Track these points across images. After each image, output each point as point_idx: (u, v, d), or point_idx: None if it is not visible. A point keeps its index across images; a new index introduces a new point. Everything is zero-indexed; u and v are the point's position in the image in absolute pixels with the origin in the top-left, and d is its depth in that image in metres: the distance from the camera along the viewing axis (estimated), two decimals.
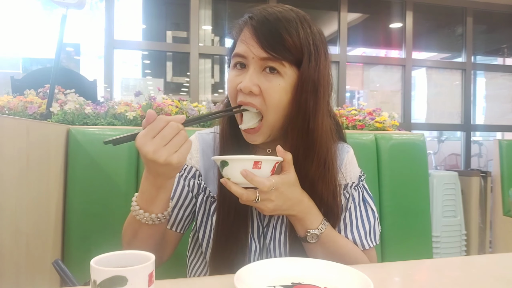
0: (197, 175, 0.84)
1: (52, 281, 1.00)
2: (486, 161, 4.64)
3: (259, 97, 0.73)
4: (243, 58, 0.74)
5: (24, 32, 4.07)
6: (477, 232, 2.84)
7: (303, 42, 0.72)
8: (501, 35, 4.66)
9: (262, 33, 0.71)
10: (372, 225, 0.84)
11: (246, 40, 0.73)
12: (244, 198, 0.66)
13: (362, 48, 4.93)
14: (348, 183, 0.84)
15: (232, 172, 0.67)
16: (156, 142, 0.60)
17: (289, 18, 0.73)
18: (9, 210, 0.79)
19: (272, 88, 0.72)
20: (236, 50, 0.75)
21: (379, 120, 1.69)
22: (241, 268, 0.61)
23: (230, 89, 0.76)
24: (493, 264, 0.80)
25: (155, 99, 1.46)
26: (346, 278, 0.61)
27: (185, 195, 0.83)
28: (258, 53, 0.71)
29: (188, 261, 0.95)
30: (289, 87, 0.73)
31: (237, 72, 0.75)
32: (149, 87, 3.68)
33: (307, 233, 0.73)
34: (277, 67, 0.72)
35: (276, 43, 0.71)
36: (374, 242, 0.84)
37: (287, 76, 0.73)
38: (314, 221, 0.73)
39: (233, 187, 0.66)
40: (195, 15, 3.33)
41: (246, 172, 0.64)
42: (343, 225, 0.82)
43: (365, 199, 0.86)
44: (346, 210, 0.83)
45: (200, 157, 0.85)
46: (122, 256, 0.53)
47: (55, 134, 1.09)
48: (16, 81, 1.87)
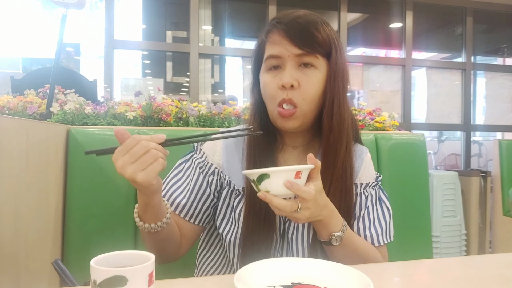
0: (216, 172, 0.87)
1: (52, 281, 1.00)
2: (486, 161, 4.65)
3: (298, 90, 0.78)
4: (278, 59, 0.79)
5: (24, 32, 4.07)
6: (477, 232, 2.84)
7: (330, 37, 0.80)
8: (501, 35, 4.66)
9: (293, 33, 0.77)
10: (388, 223, 0.88)
11: (278, 41, 0.78)
12: (288, 209, 0.66)
13: (362, 48, 4.93)
14: (368, 182, 0.89)
15: (272, 185, 0.66)
16: (125, 159, 0.63)
17: (313, 18, 0.80)
18: (9, 210, 0.79)
19: (310, 81, 0.79)
20: (269, 52, 0.80)
21: (379, 120, 1.69)
22: (241, 268, 0.61)
23: (271, 89, 0.80)
24: (493, 264, 0.80)
25: (155, 99, 1.46)
26: (346, 278, 0.61)
27: (203, 190, 0.86)
28: (293, 51, 0.77)
29: (198, 257, 0.96)
30: (323, 77, 0.80)
31: (273, 73, 0.81)
32: (149, 87, 3.68)
33: (332, 237, 0.75)
34: (312, 61, 0.79)
35: (308, 40, 0.77)
36: (389, 239, 0.89)
37: (321, 68, 0.80)
38: (337, 224, 0.75)
39: (275, 200, 0.66)
40: (195, 15, 3.33)
41: (291, 184, 0.65)
42: (362, 223, 0.86)
43: (381, 198, 0.90)
44: (365, 208, 0.87)
45: (224, 153, 0.88)
46: (122, 256, 0.53)
47: (55, 134, 1.09)
48: (16, 81, 1.87)
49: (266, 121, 0.85)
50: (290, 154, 0.89)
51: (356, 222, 0.86)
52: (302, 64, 0.79)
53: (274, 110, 0.81)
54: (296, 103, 0.79)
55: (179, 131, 1.27)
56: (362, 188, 0.88)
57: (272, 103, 0.81)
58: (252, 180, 0.68)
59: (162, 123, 1.44)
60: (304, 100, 0.79)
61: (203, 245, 0.96)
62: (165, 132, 1.24)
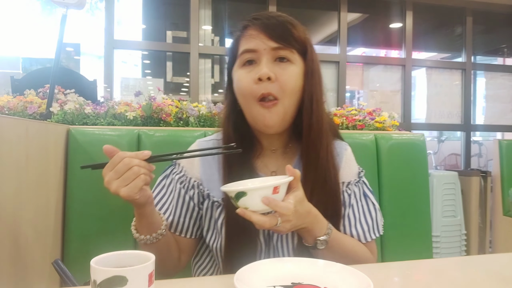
0: (196, 185, 0.87)
1: (52, 281, 1.00)
2: (486, 161, 4.64)
3: (276, 83, 0.77)
4: (254, 53, 0.78)
5: (24, 32, 4.07)
6: (477, 232, 2.84)
7: (305, 37, 0.81)
8: (501, 35, 4.66)
9: (270, 27, 0.77)
10: (374, 218, 0.88)
11: (255, 35, 0.78)
12: (267, 225, 0.66)
13: (362, 48, 4.93)
14: (350, 180, 0.88)
15: (250, 202, 0.66)
16: (111, 175, 0.66)
17: (290, 18, 0.81)
18: (9, 210, 0.79)
19: (287, 74, 0.77)
20: (244, 46, 0.79)
21: (379, 120, 1.69)
22: (241, 268, 0.61)
23: (246, 83, 0.78)
24: (493, 264, 0.80)
25: (155, 99, 1.46)
26: (346, 278, 0.61)
27: (187, 204, 0.87)
28: (269, 44, 0.77)
29: (193, 262, 0.96)
30: (300, 73, 0.80)
31: (248, 68, 0.79)
32: (149, 87, 3.68)
33: (317, 241, 0.75)
34: (288, 56, 0.78)
35: (285, 34, 0.78)
36: (377, 233, 0.88)
37: (297, 63, 0.79)
38: (321, 229, 0.75)
39: (254, 216, 0.66)
40: (195, 15, 3.32)
41: (269, 200, 0.65)
42: (347, 221, 0.86)
43: (365, 194, 0.89)
44: (349, 206, 0.86)
45: (201, 166, 0.87)
46: (122, 256, 0.53)
47: (55, 134, 1.09)
48: (16, 81, 1.87)
49: (240, 124, 0.83)
50: (269, 158, 0.88)
51: (342, 221, 0.85)
52: (278, 58, 0.78)
53: (253, 107, 0.78)
54: (276, 95, 0.77)
55: (179, 131, 1.26)
56: (344, 187, 0.87)
57: (250, 100, 0.78)
58: (230, 197, 0.68)
59: (162, 123, 1.44)
60: (284, 92, 0.77)
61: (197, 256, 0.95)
62: (165, 132, 1.24)
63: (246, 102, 0.79)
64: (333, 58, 3.71)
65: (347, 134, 1.38)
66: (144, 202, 0.71)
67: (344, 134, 1.39)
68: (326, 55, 3.95)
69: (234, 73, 0.81)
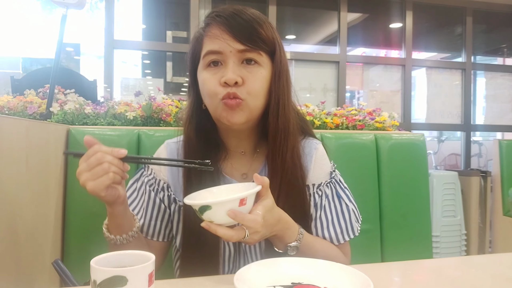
0: (165, 187, 0.86)
1: (52, 281, 1.00)
2: (486, 161, 4.64)
3: (242, 87, 0.73)
4: (219, 54, 0.73)
5: (24, 32, 4.07)
6: (477, 232, 2.84)
7: (273, 35, 0.77)
8: (501, 35, 4.66)
9: (235, 27, 0.72)
10: (348, 219, 0.83)
11: (219, 36, 0.72)
12: (235, 239, 0.63)
13: (362, 48, 4.93)
14: (321, 182, 0.84)
15: (215, 215, 0.62)
16: (83, 166, 0.65)
17: (256, 14, 0.75)
18: (9, 210, 0.79)
19: (254, 77, 0.74)
20: (208, 48, 0.74)
21: (379, 120, 1.69)
22: (241, 268, 0.61)
23: (212, 86, 0.74)
24: (493, 264, 0.80)
25: (155, 99, 1.46)
26: (346, 278, 0.61)
27: (157, 207, 0.85)
28: (235, 46, 0.72)
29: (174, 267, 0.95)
30: (268, 75, 0.76)
31: (213, 70, 0.75)
32: (149, 87, 3.68)
33: (288, 248, 0.73)
34: (256, 58, 0.74)
35: (252, 35, 0.73)
36: (351, 235, 0.84)
37: (265, 65, 0.76)
38: (292, 235, 0.73)
39: (220, 230, 0.63)
40: (195, 15, 3.32)
41: (235, 213, 0.61)
42: (319, 223, 0.82)
43: (338, 194, 0.84)
44: (321, 208, 0.83)
45: (168, 169, 0.86)
46: (122, 256, 0.53)
47: (55, 134, 1.09)
48: (16, 81, 1.87)
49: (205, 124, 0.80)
50: (239, 160, 0.85)
51: (313, 224, 0.83)
52: (244, 60, 0.74)
53: (217, 106, 0.74)
54: (241, 97, 0.73)
55: (179, 131, 1.26)
56: (315, 189, 0.83)
57: (214, 99, 0.74)
58: (194, 210, 0.64)
59: (162, 123, 1.44)
60: (249, 95, 0.74)
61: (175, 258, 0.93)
62: (165, 132, 1.24)
63: (210, 102, 0.76)
64: (333, 58, 3.71)
65: (347, 134, 1.38)
66: (113, 201, 0.69)
67: (344, 134, 1.39)
68: (326, 55, 3.95)
69: (200, 74, 0.77)
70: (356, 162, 1.32)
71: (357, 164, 1.32)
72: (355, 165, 1.32)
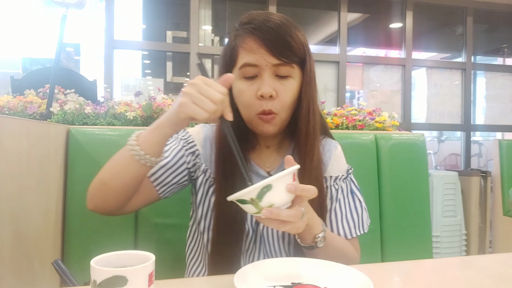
0: (196, 153, 0.89)
1: (52, 281, 1.00)
2: (486, 161, 4.64)
3: (276, 100, 0.79)
4: (255, 67, 0.78)
5: (24, 32, 4.07)
6: (477, 232, 2.84)
7: (303, 44, 0.81)
8: (502, 34, 4.66)
9: (270, 42, 0.76)
10: (360, 215, 0.88)
11: (255, 49, 0.77)
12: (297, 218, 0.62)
13: (362, 48, 4.93)
14: (338, 175, 0.89)
15: (276, 194, 0.59)
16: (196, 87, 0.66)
17: (287, 24, 0.79)
18: (9, 210, 0.79)
19: (286, 90, 0.80)
20: (245, 60, 0.79)
21: (379, 120, 1.69)
22: (241, 268, 0.61)
23: (248, 98, 0.80)
24: (493, 264, 0.80)
25: (155, 99, 1.46)
26: (346, 278, 0.61)
27: (180, 164, 0.86)
28: (271, 60, 0.77)
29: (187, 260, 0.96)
30: (298, 85, 0.82)
31: (249, 82, 0.80)
32: (149, 87, 3.68)
33: (317, 239, 0.72)
34: (288, 71, 0.79)
35: (285, 49, 0.77)
36: (362, 230, 0.88)
37: (296, 76, 0.81)
38: (318, 224, 0.73)
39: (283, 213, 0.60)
40: (195, 15, 3.33)
41: (295, 185, 0.60)
42: (333, 216, 0.87)
43: (353, 191, 0.90)
44: (336, 200, 0.88)
45: (203, 143, 0.90)
46: (122, 256, 0.53)
47: (55, 134, 1.09)
48: (16, 81, 1.87)
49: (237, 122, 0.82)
50: (264, 153, 0.90)
51: (328, 215, 0.86)
52: (279, 72, 0.79)
53: (252, 117, 0.81)
54: (275, 112, 0.79)
55: None
56: (332, 181, 0.88)
57: (250, 111, 0.81)
58: (250, 200, 0.59)
59: None
60: (282, 108, 0.80)
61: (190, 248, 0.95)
62: None
63: (246, 112, 0.82)
64: (333, 58, 3.71)
65: (347, 134, 1.38)
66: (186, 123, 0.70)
67: (344, 134, 1.39)
68: (326, 55, 3.95)
69: (234, 81, 0.81)
70: (356, 162, 1.32)
71: (357, 164, 1.31)
72: (355, 165, 1.31)
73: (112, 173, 0.76)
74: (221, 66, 0.86)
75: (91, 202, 0.81)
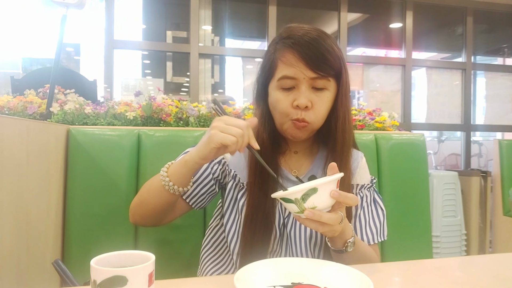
0: (222, 162, 0.92)
1: (52, 281, 1.00)
2: (486, 161, 4.64)
3: (311, 111, 0.82)
4: (293, 80, 0.82)
5: (24, 32, 4.07)
6: (477, 232, 2.84)
7: (339, 57, 0.83)
8: (502, 35, 4.66)
9: (308, 56, 0.80)
10: (382, 223, 0.93)
11: (294, 63, 0.81)
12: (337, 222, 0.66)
13: (362, 48, 4.93)
14: (363, 184, 0.93)
15: (320, 198, 0.64)
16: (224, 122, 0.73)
17: (324, 38, 0.82)
18: (9, 210, 0.79)
19: (321, 102, 0.83)
20: (284, 72, 0.82)
21: (379, 120, 1.69)
22: (241, 268, 0.62)
23: (284, 107, 0.83)
24: (493, 264, 0.80)
25: (155, 99, 1.46)
26: (346, 278, 0.61)
27: (206, 175, 0.91)
28: (308, 74, 0.80)
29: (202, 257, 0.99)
30: (333, 97, 0.85)
31: (286, 92, 0.83)
32: (149, 87, 3.68)
33: (347, 243, 0.75)
34: (324, 84, 0.82)
35: (322, 64, 0.80)
36: (383, 237, 0.93)
37: (331, 89, 0.84)
38: (349, 230, 0.76)
39: (325, 216, 0.65)
40: (195, 15, 3.32)
41: (339, 192, 0.65)
42: (358, 223, 0.91)
43: (375, 200, 0.95)
44: (361, 207, 0.92)
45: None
46: (122, 256, 0.53)
47: (55, 134, 1.09)
48: (16, 81, 1.87)
49: (273, 129, 0.89)
50: (291, 158, 0.94)
51: (353, 221, 0.90)
52: (315, 85, 0.82)
53: (286, 122, 0.84)
54: (308, 121, 0.83)
55: (179, 131, 1.27)
56: (357, 189, 0.92)
57: (284, 117, 0.84)
58: (294, 200, 0.64)
59: (162, 123, 1.44)
60: (316, 118, 0.84)
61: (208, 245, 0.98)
62: (165, 132, 1.24)
63: (281, 118, 0.85)
64: None
65: None
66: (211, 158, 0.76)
67: None
68: None
69: (273, 92, 0.85)
70: None
71: None
72: None
73: (148, 197, 0.85)
74: (259, 76, 0.90)
75: (132, 218, 0.90)
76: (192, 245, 1.17)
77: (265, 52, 0.89)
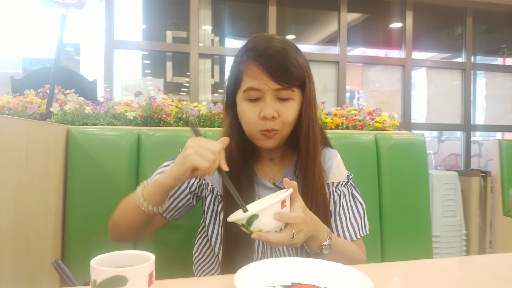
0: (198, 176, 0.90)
1: (52, 281, 1.00)
2: (486, 161, 4.64)
3: (278, 120, 0.84)
4: (258, 91, 0.83)
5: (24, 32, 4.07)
6: (477, 232, 2.84)
7: (303, 68, 0.85)
8: (501, 35, 4.66)
9: (272, 68, 0.81)
10: (362, 217, 0.95)
11: (258, 76, 0.82)
12: (286, 240, 0.69)
13: (362, 48, 4.93)
14: (339, 181, 0.95)
15: (263, 222, 0.67)
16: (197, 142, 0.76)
17: (287, 50, 0.83)
18: (9, 210, 0.79)
19: (287, 111, 0.85)
20: (249, 84, 0.84)
21: (379, 120, 1.69)
22: (241, 268, 0.61)
23: (251, 118, 0.85)
24: (493, 264, 0.80)
25: (155, 99, 1.46)
26: (346, 278, 0.61)
27: (182, 189, 0.93)
28: (272, 86, 0.82)
29: (194, 260, 0.99)
30: (299, 106, 0.87)
31: (253, 103, 0.85)
32: (149, 87, 3.68)
33: (322, 247, 0.78)
34: (289, 95, 0.84)
35: (286, 75, 0.82)
36: (364, 232, 0.94)
37: (296, 98, 0.86)
38: (323, 233, 0.79)
39: (271, 237, 0.68)
40: (195, 15, 3.33)
41: (281, 214, 0.68)
42: (338, 220, 0.92)
43: (354, 195, 0.96)
44: (339, 205, 0.93)
45: None
46: (122, 256, 0.53)
47: (55, 134, 1.09)
48: (16, 81, 1.87)
49: (242, 138, 0.90)
50: (267, 166, 0.95)
51: (333, 219, 0.92)
52: (280, 96, 0.84)
53: (255, 133, 0.86)
54: (277, 129, 0.84)
55: (179, 131, 1.27)
56: (334, 187, 0.94)
57: (253, 128, 0.86)
58: (241, 224, 0.69)
59: (162, 123, 1.44)
60: (284, 125, 0.85)
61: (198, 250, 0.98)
62: (165, 132, 1.24)
63: (250, 129, 0.87)
64: (333, 58, 3.71)
65: (347, 134, 1.39)
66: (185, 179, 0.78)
67: (344, 134, 1.39)
68: (326, 55, 3.95)
69: (239, 103, 0.87)
70: (356, 162, 1.32)
71: (357, 164, 1.32)
72: (355, 165, 1.32)
73: (125, 216, 0.86)
74: (227, 87, 0.91)
75: (111, 236, 0.90)
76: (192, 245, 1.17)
77: (232, 62, 0.90)
